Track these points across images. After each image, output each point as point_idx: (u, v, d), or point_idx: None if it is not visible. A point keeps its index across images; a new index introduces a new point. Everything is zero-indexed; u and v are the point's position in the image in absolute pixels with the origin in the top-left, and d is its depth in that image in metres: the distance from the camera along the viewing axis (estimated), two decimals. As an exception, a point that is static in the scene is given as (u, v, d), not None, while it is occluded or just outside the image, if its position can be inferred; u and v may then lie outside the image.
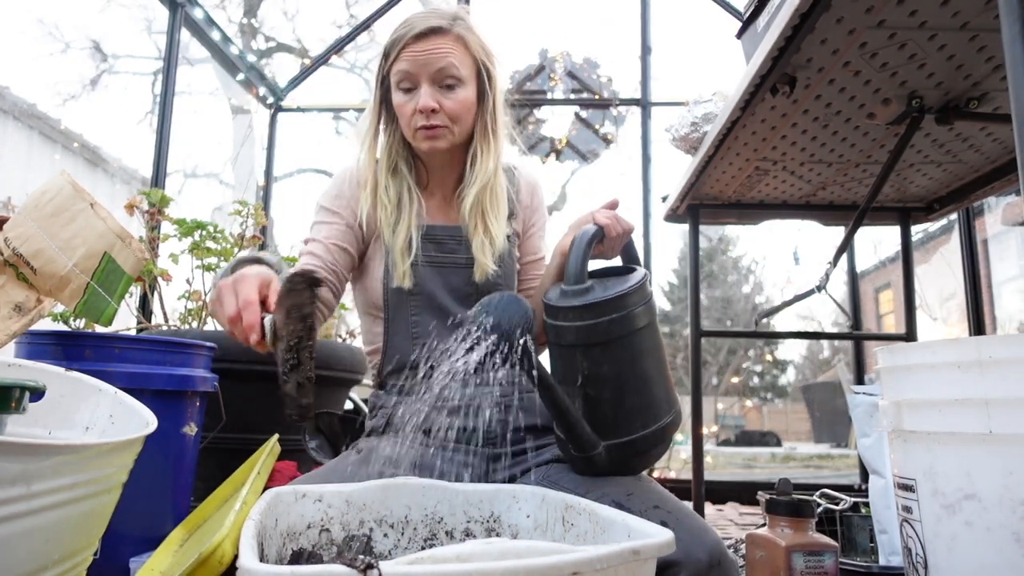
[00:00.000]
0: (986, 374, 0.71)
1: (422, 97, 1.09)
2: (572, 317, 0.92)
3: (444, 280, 1.15)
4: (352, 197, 1.17)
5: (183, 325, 2.07)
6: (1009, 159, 1.71)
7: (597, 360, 0.92)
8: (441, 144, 1.13)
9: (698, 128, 1.81)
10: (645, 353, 0.94)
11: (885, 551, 1.47)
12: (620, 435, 0.93)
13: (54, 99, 7.82)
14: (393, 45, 1.11)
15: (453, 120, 1.11)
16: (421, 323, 1.13)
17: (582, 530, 0.76)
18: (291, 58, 8.76)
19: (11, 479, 0.58)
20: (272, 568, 0.47)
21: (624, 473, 0.96)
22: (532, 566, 0.47)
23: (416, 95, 1.10)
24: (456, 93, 1.11)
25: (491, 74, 1.16)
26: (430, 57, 1.08)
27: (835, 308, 1.97)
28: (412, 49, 1.09)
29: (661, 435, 0.95)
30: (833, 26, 1.14)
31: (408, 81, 1.10)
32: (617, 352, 0.93)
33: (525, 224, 1.27)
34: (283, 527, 0.78)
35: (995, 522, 0.69)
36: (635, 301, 0.93)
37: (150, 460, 0.94)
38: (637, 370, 0.94)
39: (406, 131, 1.14)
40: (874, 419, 1.49)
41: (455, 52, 1.10)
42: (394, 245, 1.12)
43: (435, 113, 1.10)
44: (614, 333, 0.92)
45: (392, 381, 1.15)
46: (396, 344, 1.14)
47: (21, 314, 1.20)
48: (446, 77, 1.09)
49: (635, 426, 0.93)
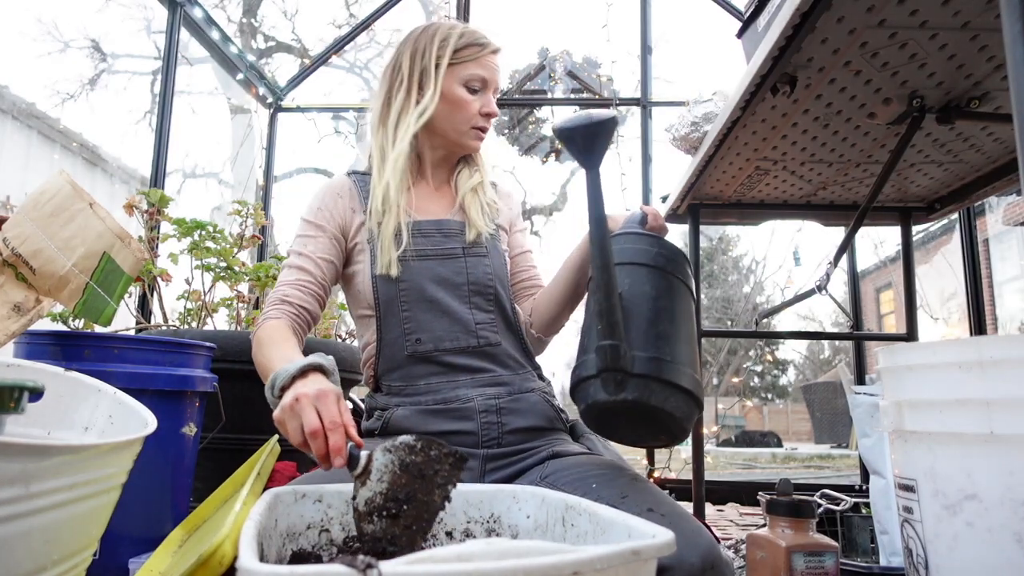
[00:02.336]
0: (987, 374, 0.70)
1: (491, 103, 1.25)
2: (629, 240, 1.01)
3: (433, 272, 1.17)
4: (334, 208, 1.23)
5: (182, 325, 2.07)
6: (1010, 159, 1.71)
7: (641, 279, 0.96)
8: (480, 144, 1.28)
9: (698, 128, 1.81)
10: (682, 311, 0.97)
11: (886, 551, 1.47)
12: (649, 351, 0.90)
13: (53, 98, 7.82)
14: (470, 47, 1.23)
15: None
16: (412, 317, 1.14)
17: (582, 530, 0.76)
18: (291, 58, 8.77)
19: (10, 479, 0.58)
20: (272, 568, 0.47)
21: (645, 409, 0.90)
22: (532, 566, 0.47)
23: (480, 97, 1.24)
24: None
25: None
26: (496, 70, 1.26)
27: (835, 308, 1.97)
28: (490, 59, 1.25)
29: (685, 394, 0.91)
30: (834, 26, 1.13)
31: (479, 84, 1.24)
32: (659, 281, 0.96)
33: (511, 222, 1.34)
34: (283, 527, 0.78)
35: (996, 523, 0.69)
36: (683, 263, 1.00)
37: (150, 460, 0.94)
38: (673, 309, 0.96)
39: (459, 124, 1.24)
40: (875, 419, 1.49)
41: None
42: (383, 234, 1.16)
43: (493, 118, 1.28)
44: (661, 264, 0.97)
45: (387, 381, 1.15)
46: (390, 340, 1.14)
47: (20, 314, 1.20)
48: (496, 90, 1.28)
49: (664, 351, 0.91)
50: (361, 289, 1.19)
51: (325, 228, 1.21)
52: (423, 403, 1.10)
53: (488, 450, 1.09)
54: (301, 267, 1.18)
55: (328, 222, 1.21)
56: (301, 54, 8.46)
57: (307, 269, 1.18)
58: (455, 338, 1.14)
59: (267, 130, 3.63)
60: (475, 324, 1.16)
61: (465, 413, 1.10)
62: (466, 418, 1.09)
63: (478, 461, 1.09)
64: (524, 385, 1.16)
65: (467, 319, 1.16)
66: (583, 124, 0.85)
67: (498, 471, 1.09)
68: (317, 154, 8.82)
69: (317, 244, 1.20)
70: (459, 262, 1.19)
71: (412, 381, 1.13)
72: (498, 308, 1.19)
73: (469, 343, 1.14)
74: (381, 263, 1.15)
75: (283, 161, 4.40)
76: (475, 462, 1.08)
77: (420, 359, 1.13)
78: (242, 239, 2.14)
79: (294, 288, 1.16)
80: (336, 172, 1.33)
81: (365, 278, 1.18)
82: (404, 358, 1.13)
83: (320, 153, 8.99)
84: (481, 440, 1.09)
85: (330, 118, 7.36)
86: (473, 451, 1.09)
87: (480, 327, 1.16)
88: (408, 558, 0.50)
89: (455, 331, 1.14)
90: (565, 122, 0.86)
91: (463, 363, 1.13)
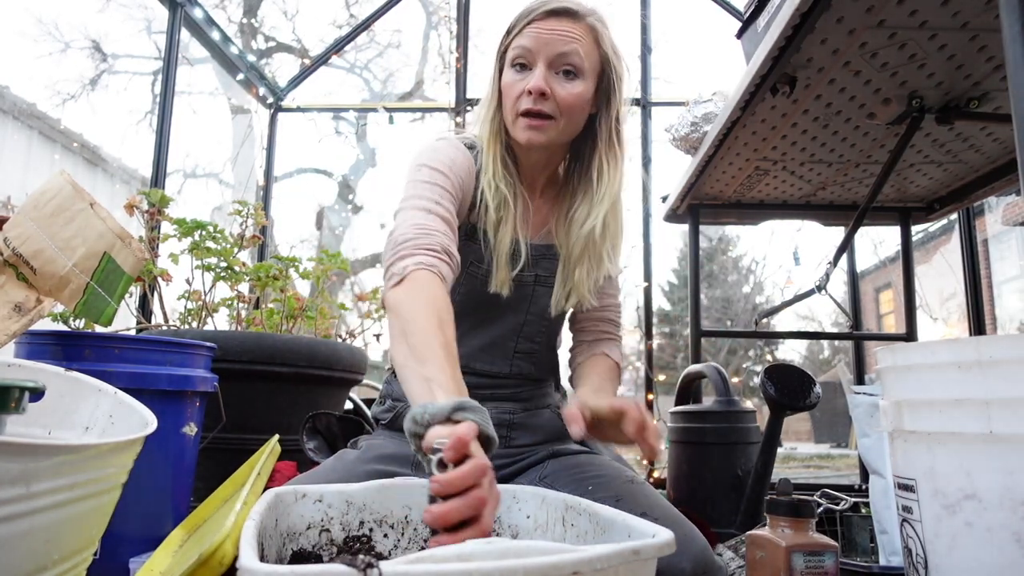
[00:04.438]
0: (986, 374, 0.70)
1: (535, 78, 0.96)
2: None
3: (502, 296, 1.05)
4: (463, 170, 1.01)
5: (183, 325, 2.07)
6: (1009, 159, 1.71)
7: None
8: (541, 138, 0.99)
9: (698, 128, 1.81)
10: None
11: (885, 551, 1.47)
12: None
13: (54, 99, 7.82)
14: (520, 18, 1.00)
15: (562, 112, 0.98)
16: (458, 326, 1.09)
17: (582, 530, 0.76)
18: (291, 58, 8.76)
19: (11, 479, 0.58)
20: (272, 568, 0.47)
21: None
22: (532, 565, 0.47)
23: (528, 76, 0.98)
24: (573, 84, 0.98)
25: (619, 76, 1.03)
26: (554, 37, 0.96)
27: (835, 308, 1.97)
28: (539, 25, 0.97)
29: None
30: (833, 26, 1.13)
31: (525, 58, 0.98)
32: None
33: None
34: (283, 527, 0.78)
35: (995, 522, 0.69)
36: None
37: (150, 460, 0.94)
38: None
39: (508, 115, 1.01)
40: (874, 419, 1.49)
41: (583, 41, 0.98)
42: (499, 248, 1.02)
43: (544, 98, 0.97)
44: None
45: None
46: None
47: (21, 314, 1.20)
48: (565, 64, 0.97)
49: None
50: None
51: (454, 181, 0.99)
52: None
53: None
54: (446, 219, 0.94)
55: (456, 177, 0.99)
56: (301, 54, 8.46)
57: (450, 222, 0.95)
58: (490, 361, 1.10)
59: (267, 130, 3.62)
60: (514, 353, 1.10)
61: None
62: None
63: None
64: (541, 401, 1.15)
65: (509, 346, 1.10)
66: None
67: (497, 470, 1.09)
68: (317, 154, 8.82)
69: (445, 196, 0.96)
70: (527, 289, 1.08)
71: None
72: (545, 340, 1.14)
73: (501, 370, 1.10)
74: (496, 280, 1.03)
75: (283, 161, 4.40)
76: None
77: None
78: (242, 239, 2.14)
79: (449, 239, 0.92)
80: (336, 171, 1.27)
81: (460, 272, 1.02)
82: None
83: (320, 153, 9.00)
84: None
85: (330, 118, 7.36)
86: None
87: (518, 356, 1.11)
88: (408, 557, 0.50)
89: (491, 355, 1.10)
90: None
91: (487, 381, 1.10)
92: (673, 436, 1.79)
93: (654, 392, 2.95)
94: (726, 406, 1.69)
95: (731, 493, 1.61)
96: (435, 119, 5.05)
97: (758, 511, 1.47)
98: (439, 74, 7.69)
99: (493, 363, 1.10)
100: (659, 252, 17.97)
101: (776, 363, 1.21)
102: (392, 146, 8.39)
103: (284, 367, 1.73)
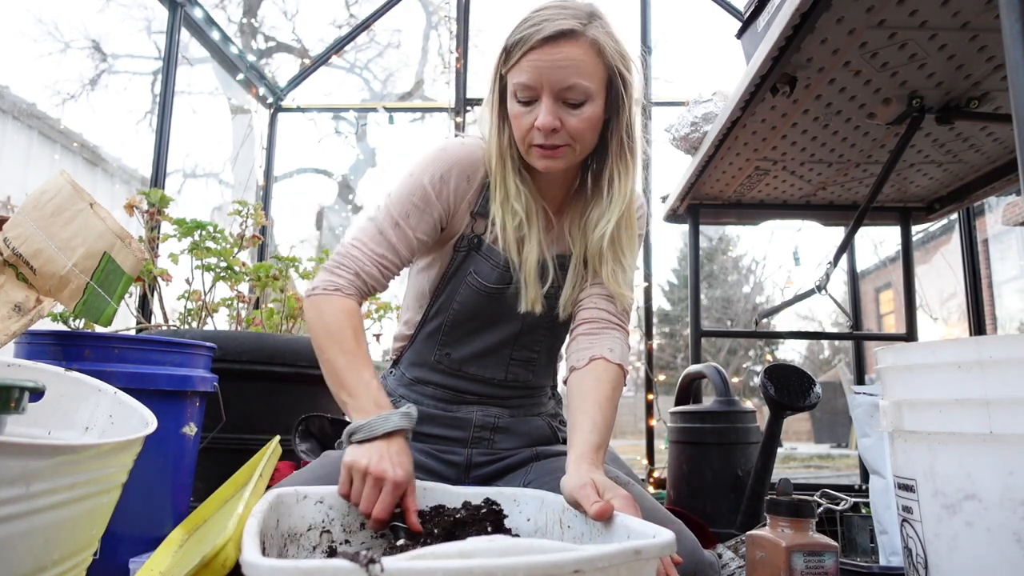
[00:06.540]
0: (986, 374, 0.70)
1: (543, 114, 0.93)
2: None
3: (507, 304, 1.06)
4: (457, 189, 1.03)
5: (183, 325, 2.07)
6: (1009, 159, 1.71)
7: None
8: (560, 164, 0.99)
9: (698, 128, 1.81)
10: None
11: (885, 551, 1.47)
12: None
13: (53, 99, 7.81)
14: (516, 45, 0.94)
15: (575, 139, 0.97)
16: (452, 335, 1.10)
17: (578, 532, 0.76)
18: (291, 58, 8.75)
19: (11, 479, 0.58)
20: (276, 562, 0.47)
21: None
22: (534, 563, 0.47)
23: (535, 108, 0.94)
24: (582, 111, 0.95)
25: (627, 82, 0.99)
26: (556, 69, 0.92)
27: (835, 308, 1.97)
28: (538, 55, 0.92)
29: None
30: (833, 26, 1.13)
31: (528, 93, 0.94)
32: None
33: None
34: (284, 528, 0.78)
35: (995, 522, 0.69)
36: None
37: (150, 460, 0.94)
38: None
39: (520, 144, 1.00)
40: (874, 419, 1.49)
41: (585, 63, 0.93)
42: (526, 267, 1.02)
43: (555, 133, 0.95)
44: None
45: (404, 368, 1.15)
46: (423, 337, 1.12)
47: (21, 314, 1.20)
48: (572, 95, 0.94)
49: None
50: (431, 288, 1.09)
51: (438, 206, 1.02)
52: (426, 404, 1.10)
53: (475, 449, 1.11)
54: (392, 244, 1.01)
55: (443, 199, 1.02)
56: (301, 54, 8.45)
57: (397, 249, 1.01)
58: (484, 367, 1.10)
59: (267, 130, 3.62)
60: (510, 360, 1.10)
61: (460, 424, 1.11)
62: (459, 428, 1.11)
63: (463, 459, 1.10)
64: (532, 409, 1.15)
65: (504, 353, 1.10)
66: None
67: (482, 468, 1.11)
68: (317, 154, 8.81)
69: (421, 220, 1.01)
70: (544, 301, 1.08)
71: (426, 382, 1.12)
72: (546, 349, 1.14)
73: (495, 376, 1.11)
74: (526, 299, 1.03)
75: (283, 161, 4.40)
76: (460, 459, 1.10)
77: (442, 370, 1.11)
78: (242, 239, 2.14)
79: (374, 266, 1.00)
80: (336, 171, 1.27)
81: (458, 282, 1.06)
82: (431, 361, 1.12)
83: (320, 153, 8.99)
84: (470, 442, 1.11)
85: (330, 118, 7.35)
86: (458, 450, 1.10)
87: (514, 363, 1.11)
88: (411, 554, 0.50)
89: (486, 361, 1.10)
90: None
91: (477, 386, 1.11)
92: (673, 436, 1.80)
93: (654, 392, 2.96)
94: (726, 406, 1.69)
95: (731, 493, 1.61)
96: (435, 119, 5.05)
97: (758, 511, 1.47)
98: (439, 74, 7.67)
99: (487, 369, 1.10)
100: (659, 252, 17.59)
101: (776, 363, 1.22)
102: (392, 146, 8.38)
103: (284, 367, 1.73)
